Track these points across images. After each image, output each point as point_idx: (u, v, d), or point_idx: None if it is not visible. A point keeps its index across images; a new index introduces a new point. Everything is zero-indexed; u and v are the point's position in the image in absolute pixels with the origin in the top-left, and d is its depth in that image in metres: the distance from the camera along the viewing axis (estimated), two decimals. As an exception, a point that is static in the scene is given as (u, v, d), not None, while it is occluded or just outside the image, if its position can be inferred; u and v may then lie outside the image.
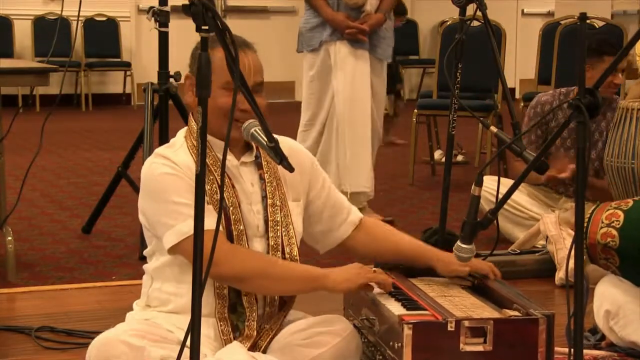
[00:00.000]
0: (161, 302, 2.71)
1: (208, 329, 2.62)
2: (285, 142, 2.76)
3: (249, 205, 2.69)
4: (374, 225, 2.99)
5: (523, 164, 4.73)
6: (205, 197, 2.57)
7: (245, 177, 2.72)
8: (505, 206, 3.23)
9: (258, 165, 2.75)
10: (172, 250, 2.60)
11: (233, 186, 2.68)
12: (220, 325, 2.64)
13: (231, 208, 2.65)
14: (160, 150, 2.71)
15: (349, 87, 5.11)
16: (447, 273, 2.90)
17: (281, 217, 2.72)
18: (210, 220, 2.32)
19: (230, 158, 2.71)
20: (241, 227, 2.66)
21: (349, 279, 2.65)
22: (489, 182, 4.34)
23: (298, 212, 2.80)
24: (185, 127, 2.75)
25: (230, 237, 2.64)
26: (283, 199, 2.75)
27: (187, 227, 2.53)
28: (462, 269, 2.86)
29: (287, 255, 2.72)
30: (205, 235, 2.08)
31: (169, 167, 2.62)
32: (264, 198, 2.72)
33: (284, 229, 2.72)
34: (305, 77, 5.28)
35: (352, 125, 5.12)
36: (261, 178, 2.73)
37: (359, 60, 5.15)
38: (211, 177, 2.64)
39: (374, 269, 2.87)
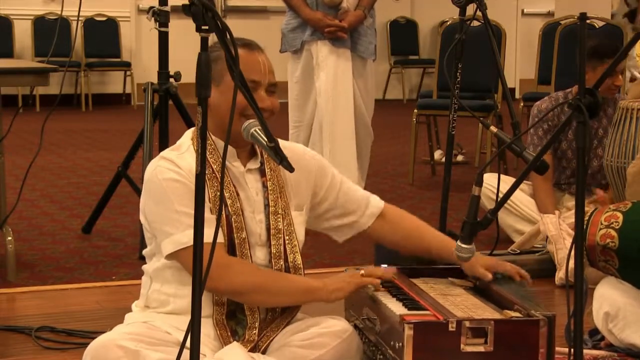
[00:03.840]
0: (160, 303, 2.71)
1: (208, 328, 2.62)
2: (290, 147, 2.77)
3: (252, 214, 2.69)
4: (399, 216, 2.99)
5: (544, 185, 4.76)
6: (209, 205, 2.58)
7: (250, 185, 2.72)
8: (507, 204, 3.23)
9: (261, 172, 2.74)
10: (170, 257, 2.61)
11: (238, 194, 2.68)
12: (219, 330, 2.64)
13: (234, 216, 2.64)
14: (165, 153, 2.69)
15: (331, 86, 5.10)
16: (471, 274, 2.90)
17: (284, 226, 2.72)
18: (210, 232, 2.30)
19: (237, 164, 2.71)
20: (243, 236, 2.65)
21: (339, 288, 2.68)
22: (490, 179, 4.34)
23: (300, 220, 2.81)
24: (192, 128, 2.74)
25: (232, 246, 2.64)
26: (286, 208, 2.75)
27: (186, 238, 2.53)
28: (488, 274, 2.86)
29: (290, 263, 2.72)
30: (205, 247, 2.08)
31: (173, 172, 2.61)
32: (267, 206, 2.72)
33: (287, 237, 2.72)
34: (290, 78, 5.27)
35: (334, 123, 5.12)
36: (264, 186, 2.73)
37: (340, 59, 5.14)
38: (215, 184, 2.63)
39: (374, 268, 2.88)
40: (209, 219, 2.49)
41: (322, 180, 2.87)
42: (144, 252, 2.79)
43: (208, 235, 2.11)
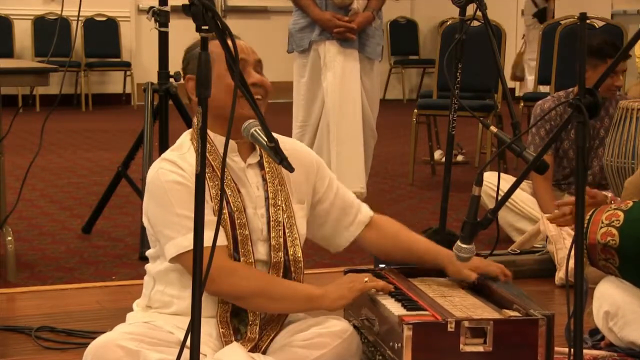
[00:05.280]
0: (163, 304, 2.71)
1: (210, 328, 2.62)
2: (291, 145, 2.77)
3: (254, 210, 2.69)
4: (386, 224, 2.99)
5: (544, 184, 4.76)
6: (210, 204, 2.57)
7: (251, 181, 2.71)
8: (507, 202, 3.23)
9: (260, 165, 2.74)
10: (173, 261, 2.61)
11: (239, 191, 2.68)
12: (222, 328, 2.64)
13: (236, 213, 2.64)
14: (167, 154, 2.69)
15: (338, 86, 5.10)
16: (457, 277, 2.91)
17: (284, 218, 2.72)
18: (212, 234, 2.29)
19: (237, 160, 2.71)
20: (246, 232, 2.65)
21: (342, 295, 2.67)
22: (490, 177, 4.34)
23: (302, 214, 2.80)
24: (190, 129, 2.74)
25: (235, 242, 2.64)
26: (287, 201, 2.74)
27: (187, 241, 2.53)
28: (472, 274, 2.87)
29: (290, 257, 2.71)
30: (206, 251, 2.08)
31: (175, 174, 2.60)
32: (267, 199, 2.71)
33: (287, 230, 2.72)
34: (296, 78, 5.27)
35: (342, 125, 5.11)
36: (263, 179, 2.73)
37: (348, 59, 5.14)
38: (216, 182, 2.63)
39: (369, 270, 2.88)
40: (211, 221, 2.49)
41: (322, 180, 2.87)
42: (148, 253, 2.78)
43: (209, 238, 2.11)
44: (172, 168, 2.62)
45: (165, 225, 2.60)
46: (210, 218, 2.51)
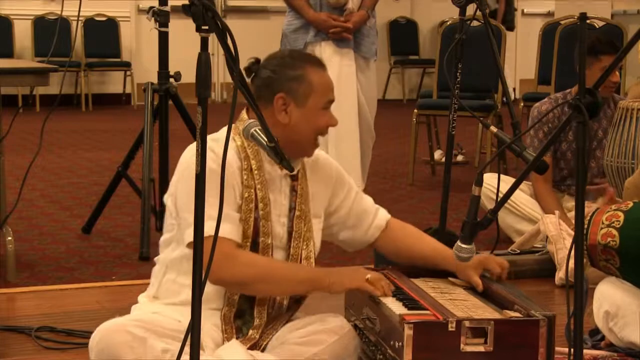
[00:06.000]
0: (172, 293, 2.72)
1: (216, 319, 2.66)
2: (315, 154, 2.80)
3: (278, 217, 2.72)
4: (400, 229, 3.03)
5: (545, 186, 4.76)
6: (238, 203, 2.62)
7: (282, 189, 2.74)
8: (506, 203, 3.23)
9: (292, 177, 2.76)
10: (190, 246, 2.61)
11: (269, 198, 2.70)
12: (224, 325, 2.65)
13: (262, 221, 2.67)
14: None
15: (335, 87, 5.09)
16: (463, 278, 2.92)
17: (304, 231, 2.75)
18: (228, 227, 2.47)
19: (275, 168, 2.72)
20: (268, 241, 2.68)
21: (340, 282, 2.70)
22: (489, 179, 4.34)
23: (318, 228, 2.84)
24: (234, 124, 2.73)
25: (255, 249, 2.67)
26: (308, 213, 2.78)
27: (207, 227, 2.53)
28: (480, 284, 2.88)
29: None
30: (220, 241, 2.10)
31: (211, 160, 2.61)
32: (292, 210, 2.74)
33: (305, 242, 2.75)
34: None
35: (340, 124, 5.11)
36: (293, 190, 2.75)
37: (344, 59, 5.15)
38: (251, 183, 2.65)
39: (371, 269, 2.89)
40: (232, 216, 2.58)
41: (339, 191, 2.90)
42: (161, 240, 2.79)
43: (227, 231, 2.27)
44: (210, 154, 2.61)
45: (191, 211, 2.59)
46: (233, 214, 2.60)
